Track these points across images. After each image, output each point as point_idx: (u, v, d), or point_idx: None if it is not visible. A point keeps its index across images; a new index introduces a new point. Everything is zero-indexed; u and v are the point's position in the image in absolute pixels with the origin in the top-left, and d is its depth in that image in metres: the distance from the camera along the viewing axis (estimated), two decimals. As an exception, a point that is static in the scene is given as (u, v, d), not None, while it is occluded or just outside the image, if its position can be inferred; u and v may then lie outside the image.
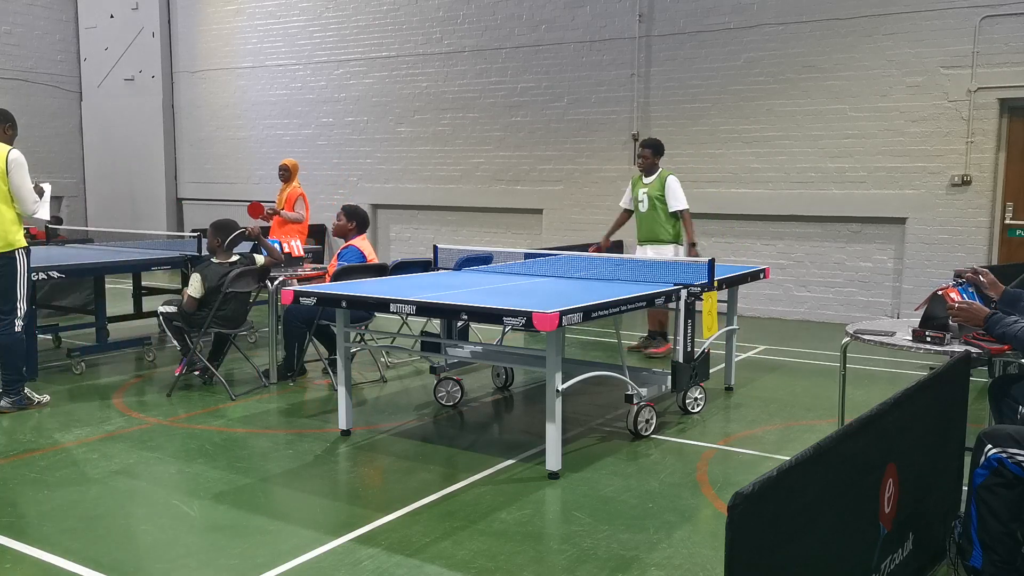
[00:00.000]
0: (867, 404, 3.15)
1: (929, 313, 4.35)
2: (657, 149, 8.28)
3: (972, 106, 9.45)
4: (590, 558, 3.90)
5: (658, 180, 8.16)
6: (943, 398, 3.60)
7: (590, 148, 11.91)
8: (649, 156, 8.23)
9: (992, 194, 9.53)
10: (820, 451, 2.49)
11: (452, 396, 6.52)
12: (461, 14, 12.81)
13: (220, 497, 4.60)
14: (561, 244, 11.10)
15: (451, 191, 13.14)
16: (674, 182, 8.12)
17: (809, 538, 2.52)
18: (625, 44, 11.50)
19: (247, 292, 6.97)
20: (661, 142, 8.41)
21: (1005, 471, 3.25)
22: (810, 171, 10.43)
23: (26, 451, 5.41)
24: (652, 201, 8.14)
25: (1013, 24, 9.21)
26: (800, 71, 10.39)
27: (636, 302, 5.32)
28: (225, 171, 15.46)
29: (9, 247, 5.98)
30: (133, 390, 7.00)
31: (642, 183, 8.28)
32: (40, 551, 3.96)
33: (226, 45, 15.29)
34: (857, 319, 9.12)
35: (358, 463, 5.28)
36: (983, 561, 3.31)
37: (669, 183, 8.09)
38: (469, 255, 7.36)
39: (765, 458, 5.31)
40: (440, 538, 4.10)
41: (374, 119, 13.81)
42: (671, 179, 8.13)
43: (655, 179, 8.19)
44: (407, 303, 5.01)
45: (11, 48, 15.34)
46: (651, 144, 8.31)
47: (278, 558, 3.88)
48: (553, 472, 4.92)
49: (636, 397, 5.65)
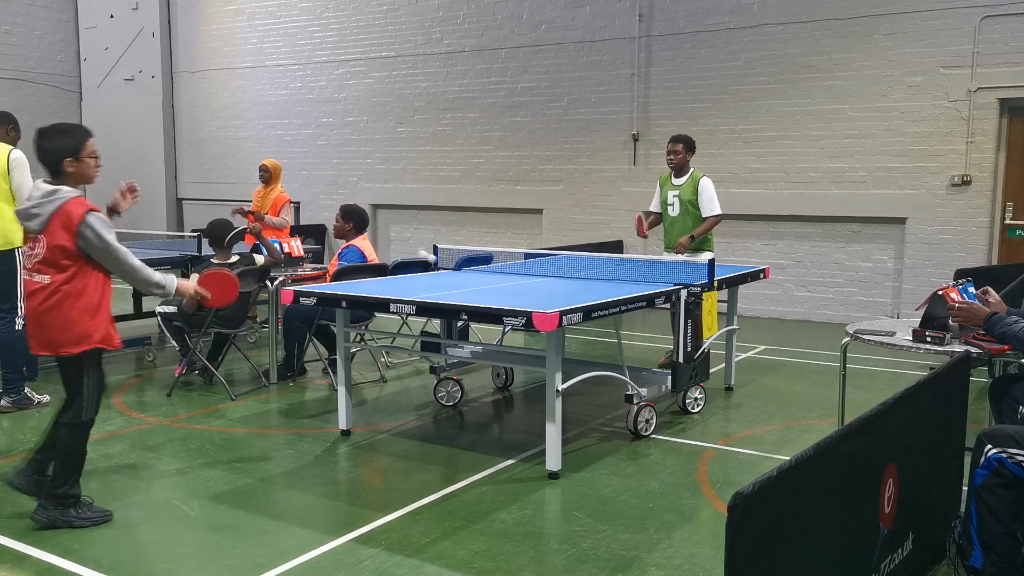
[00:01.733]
0: (867, 404, 3.16)
1: (929, 313, 4.35)
2: (689, 145, 7.52)
3: (972, 106, 9.45)
4: (590, 558, 3.90)
5: (690, 182, 7.42)
6: (943, 398, 3.60)
7: (590, 148, 11.91)
8: (681, 151, 7.44)
9: (992, 194, 9.53)
10: (820, 451, 2.49)
11: (452, 396, 6.52)
12: (461, 14, 12.81)
13: (220, 497, 4.60)
14: (561, 244, 11.11)
15: (451, 191, 13.14)
16: (708, 184, 7.39)
17: (809, 538, 2.52)
18: (625, 44, 11.50)
19: (247, 292, 6.97)
20: (692, 138, 7.66)
21: (1005, 471, 3.25)
22: (810, 171, 10.43)
23: (26, 451, 5.40)
24: (684, 205, 7.42)
25: (1013, 24, 9.21)
26: (800, 71, 10.39)
27: (636, 302, 5.32)
28: (225, 171, 15.45)
29: (9, 246, 6.02)
30: (133, 390, 7.00)
31: (671, 184, 7.54)
32: (40, 551, 3.96)
33: (226, 45, 15.29)
34: (857, 319, 9.12)
35: (358, 463, 5.28)
36: (983, 561, 3.31)
37: (703, 185, 7.37)
38: (469, 255, 7.36)
39: (765, 458, 5.31)
40: (440, 538, 4.10)
41: (374, 119, 13.81)
42: (705, 181, 7.40)
43: (687, 180, 7.45)
44: (407, 303, 5.01)
45: (11, 48, 15.34)
46: (683, 139, 7.51)
47: (278, 558, 3.88)
48: (553, 472, 4.92)
49: (636, 397, 5.65)
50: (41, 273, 4.07)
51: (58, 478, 4.21)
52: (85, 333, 4.09)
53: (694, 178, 7.46)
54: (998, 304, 4.10)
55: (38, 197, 4.08)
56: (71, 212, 4.01)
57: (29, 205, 4.09)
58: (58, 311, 4.05)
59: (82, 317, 4.08)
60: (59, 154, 4.08)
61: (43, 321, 4.08)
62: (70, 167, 4.10)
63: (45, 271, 4.06)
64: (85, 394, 4.17)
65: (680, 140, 7.52)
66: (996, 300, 4.13)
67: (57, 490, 4.20)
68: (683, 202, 7.44)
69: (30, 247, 4.12)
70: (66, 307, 4.06)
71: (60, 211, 4.02)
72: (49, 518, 4.19)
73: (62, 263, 4.05)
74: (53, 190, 4.08)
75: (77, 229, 4.00)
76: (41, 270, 4.07)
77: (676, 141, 7.52)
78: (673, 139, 7.57)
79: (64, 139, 4.13)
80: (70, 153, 4.09)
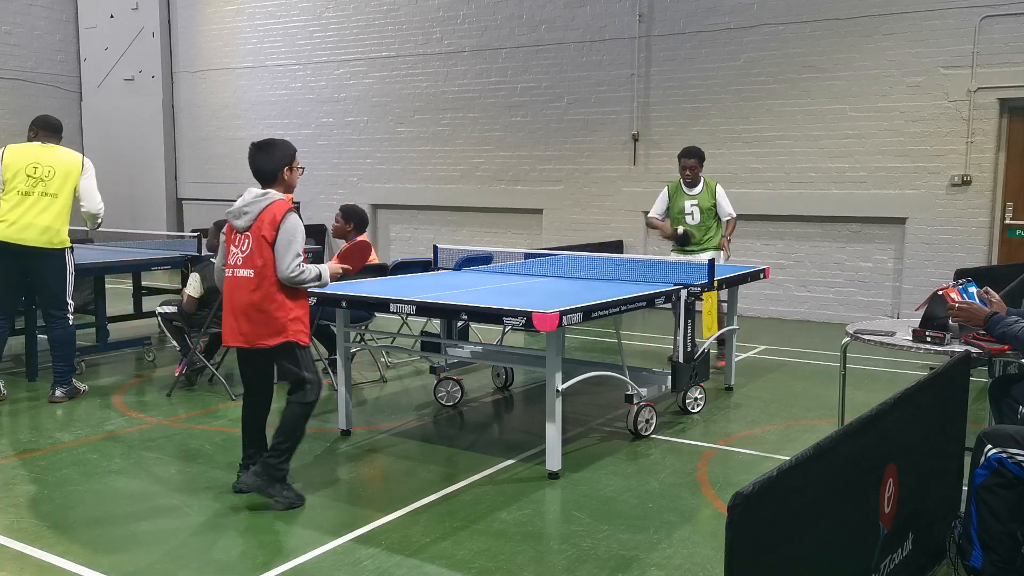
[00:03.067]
0: (867, 404, 3.15)
1: (929, 313, 4.35)
2: (703, 158, 7.86)
3: (972, 106, 9.45)
4: (590, 558, 3.90)
5: (707, 190, 7.76)
6: (943, 398, 3.60)
7: (590, 148, 11.91)
8: (696, 166, 7.75)
9: (992, 194, 9.53)
10: (820, 451, 2.49)
11: (452, 396, 6.52)
12: (461, 14, 12.81)
13: (220, 497, 4.60)
14: (561, 244, 11.11)
15: (451, 191, 13.14)
16: (723, 191, 7.85)
17: (809, 538, 2.52)
18: (625, 44, 11.50)
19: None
20: (702, 149, 7.99)
21: (1005, 471, 3.25)
22: (810, 171, 10.43)
23: (26, 451, 5.41)
24: (704, 213, 7.73)
25: (1013, 24, 9.21)
26: (800, 71, 10.39)
27: (636, 302, 5.32)
28: (225, 171, 15.44)
29: (63, 244, 6.39)
30: (133, 390, 7.00)
31: (686, 194, 7.80)
32: (40, 551, 3.96)
33: (226, 45, 15.29)
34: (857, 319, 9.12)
35: (358, 463, 5.28)
36: (983, 561, 3.31)
37: (720, 192, 7.78)
38: (469, 255, 7.36)
39: (765, 458, 5.31)
40: (440, 538, 4.10)
41: (374, 119, 13.81)
42: (720, 188, 7.85)
43: (702, 190, 7.76)
44: (407, 303, 5.01)
45: (11, 48, 15.33)
46: (696, 153, 7.81)
47: (278, 558, 3.89)
48: (553, 472, 4.92)
49: (636, 397, 5.65)
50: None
51: (276, 450, 4.46)
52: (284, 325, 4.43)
53: (709, 186, 7.78)
54: (998, 304, 4.10)
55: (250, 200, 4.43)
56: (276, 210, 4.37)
57: (240, 205, 4.42)
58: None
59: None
60: (278, 163, 4.48)
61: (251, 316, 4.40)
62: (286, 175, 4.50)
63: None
64: (307, 377, 4.50)
65: (694, 155, 7.78)
66: (997, 300, 4.13)
67: (269, 459, 4.46)
68: (703, 210, 7.73)
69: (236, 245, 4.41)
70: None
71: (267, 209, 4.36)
72: (256, 485, 4.43)
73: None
74: (263, 193, 4.44)
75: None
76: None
77: (690, 156, 7.77)
78: (686, 154, 7.79)
79: (282, 151, 4.51)
80: (287, 163, 4.50)
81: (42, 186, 6.22)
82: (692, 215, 7.75)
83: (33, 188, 6.20)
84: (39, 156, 6.29)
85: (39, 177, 6.21)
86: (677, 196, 7.83)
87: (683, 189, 7.81)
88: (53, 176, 6.25)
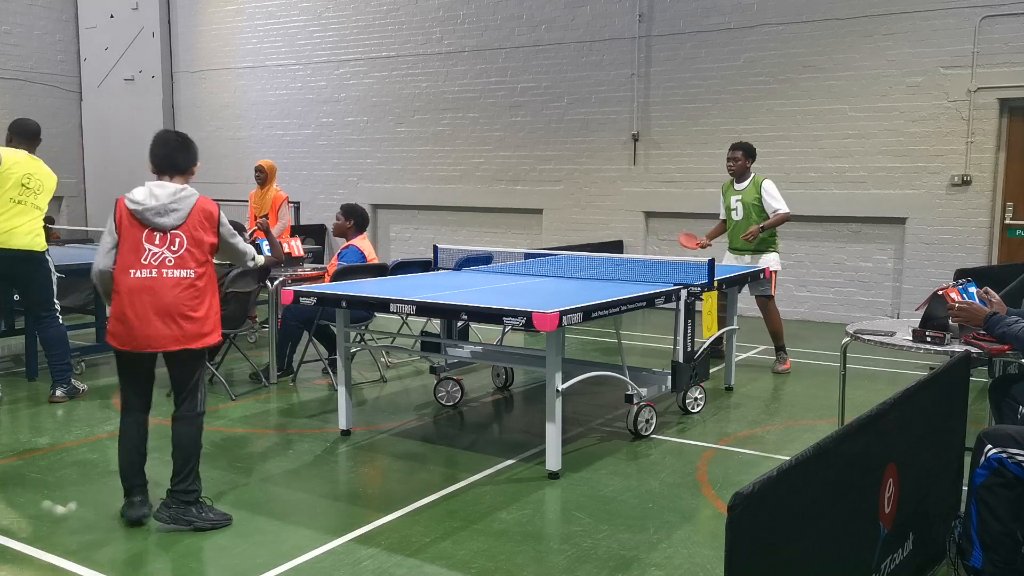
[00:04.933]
0: (867, 404, 3.15)
1: (929, 313, 4.35)
2: (748, 151, 7.72)
3: (972, 106, 9.45)
4: (590, 558, 3.90)
5: (752, 186, 7.66)
6: (943, 398, 3.60)
7: (590, 148, 11.91)
8: (741, 158, 7.66)
9: (992, 194, 9.53)
10: (820, 451, 2.49)
11: (452, 396, 6.52)
12: (461, 14, 12.81)
13: (220, 497, 4.60)
14: (561, 244, 11.11)
15: (451, 191, 13.14)
16: (771, 185, 7.66)
17: (809, 538, 2.52)
18: (625, 44, 11.50)
19: (247, 292, 6.96)
20: (752, 144, 7.86)
21: (1005, 471, 3.25)
22: (810, 171, 10.43)
23: (26, 451, 5.41)
24: (748, 208, 7.66)
25: (1013, 24, 9.21)
26: (800, 71, 10.39)
27: (636, 302, 5.32)
28: (225, 171, 15.44)
29: (43, 248, 6.50)
30: (133, 390, 6.98)
31: (734, 190, 7.77)
32: (40, 551, 3.96)
33: (226, 45, 15.29)
34: (857, 319, 9.12)
35: (358, 463, 5.28)
36: (983, 561, 3.31)
37: (766, 187, 7.60)
38: (469, 255, 7.36)
39: (765, 458, 5.31)
40: (440, 538, 4.10)
41: (374, 119, 13.81)
42: (768, 183, 7.66)
43: (749, 185, 7.68)
44: (407, 303, 5.01)
45: (11, 48, 15.33)
46: (742, 146, 7.72)
47: (278, 558, 3.88)
48: (553, 472, 4.92)
49: (636, 397, 5.65)
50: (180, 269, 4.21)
51: (179, 473, 4.23)
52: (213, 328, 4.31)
53: (756, 182, 7.69)
54: (998, 304, 4.10)
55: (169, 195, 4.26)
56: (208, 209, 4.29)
57: (165, 202, 4.24)
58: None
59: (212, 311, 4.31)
60: (193, 159, 4.43)
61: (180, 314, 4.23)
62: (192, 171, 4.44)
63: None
64: (201, 387, 4.35)
65: (739, 147, 7.75)
66: (996, 300, 4.13)
67: (178, 486, 4.22)
68: (746, 206, 7.68)
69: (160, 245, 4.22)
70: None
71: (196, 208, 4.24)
72: (172, 516, 4.20)
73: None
74: (181, 188, 4.30)
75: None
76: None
77: (735, 148, 7.76)
78: (733, 147, 7.80)
79: (195, 148, 4.47)
80: (196, 161, 4.45)
81: (32, 197, 6.40)
82: (737, 211, 7.75)
83: (25, 199, 6.36)
84: (33, 168, 6.46)
85: (33, 189, 6.40)
86: (727, 192, 7.89)
87: (732, 186, 7.84)
88: (41, 191, 6.47)
